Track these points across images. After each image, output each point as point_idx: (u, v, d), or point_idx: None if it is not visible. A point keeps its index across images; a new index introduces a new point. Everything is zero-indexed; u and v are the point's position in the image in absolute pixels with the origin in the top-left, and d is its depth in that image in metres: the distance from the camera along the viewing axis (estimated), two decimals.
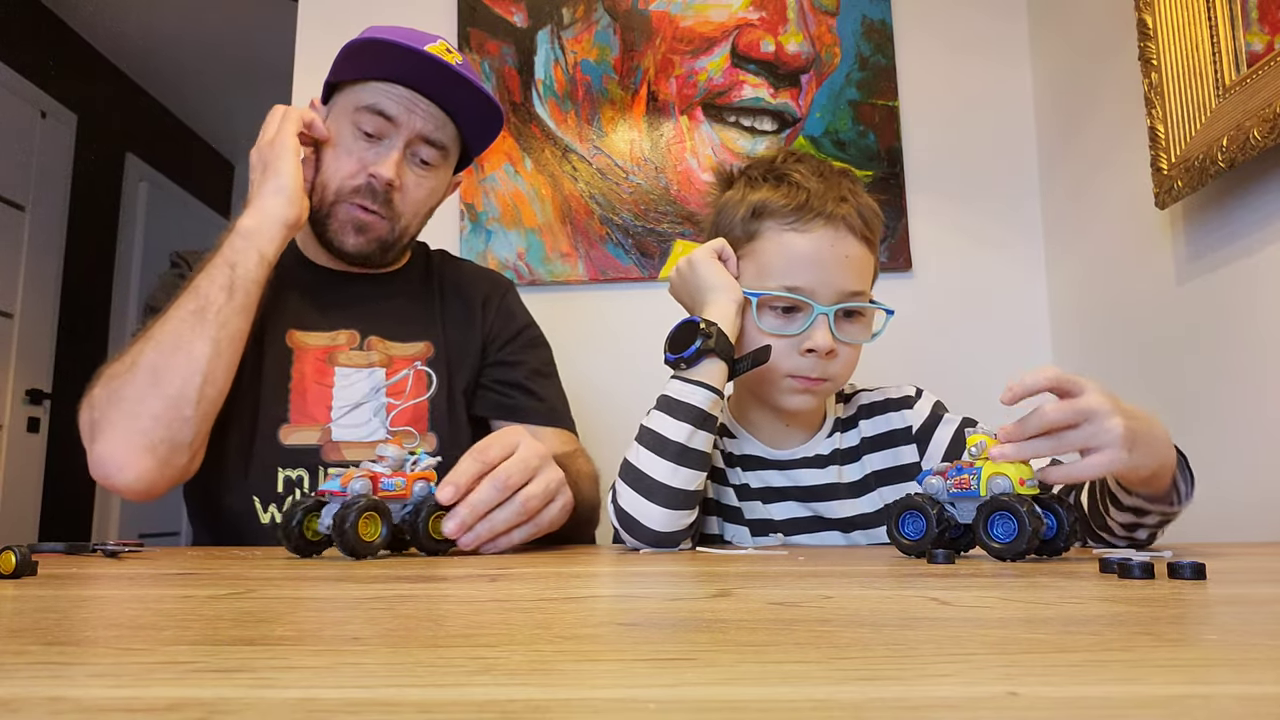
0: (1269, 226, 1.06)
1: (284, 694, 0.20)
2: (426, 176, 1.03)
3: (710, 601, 0.37)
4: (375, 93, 0.98)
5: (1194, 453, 1.19)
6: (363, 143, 0.99)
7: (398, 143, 0.99)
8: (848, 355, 0.86)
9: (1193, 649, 0.25)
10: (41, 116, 3.19)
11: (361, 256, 1.03)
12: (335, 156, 1.00)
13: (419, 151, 1.01)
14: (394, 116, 0.98)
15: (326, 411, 1.00)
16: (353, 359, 1.03)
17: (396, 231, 1.03)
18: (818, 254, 0.83)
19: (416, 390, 1.03)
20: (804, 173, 0.87)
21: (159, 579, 0.49)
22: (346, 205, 1.00)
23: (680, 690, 0.20)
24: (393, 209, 1.01)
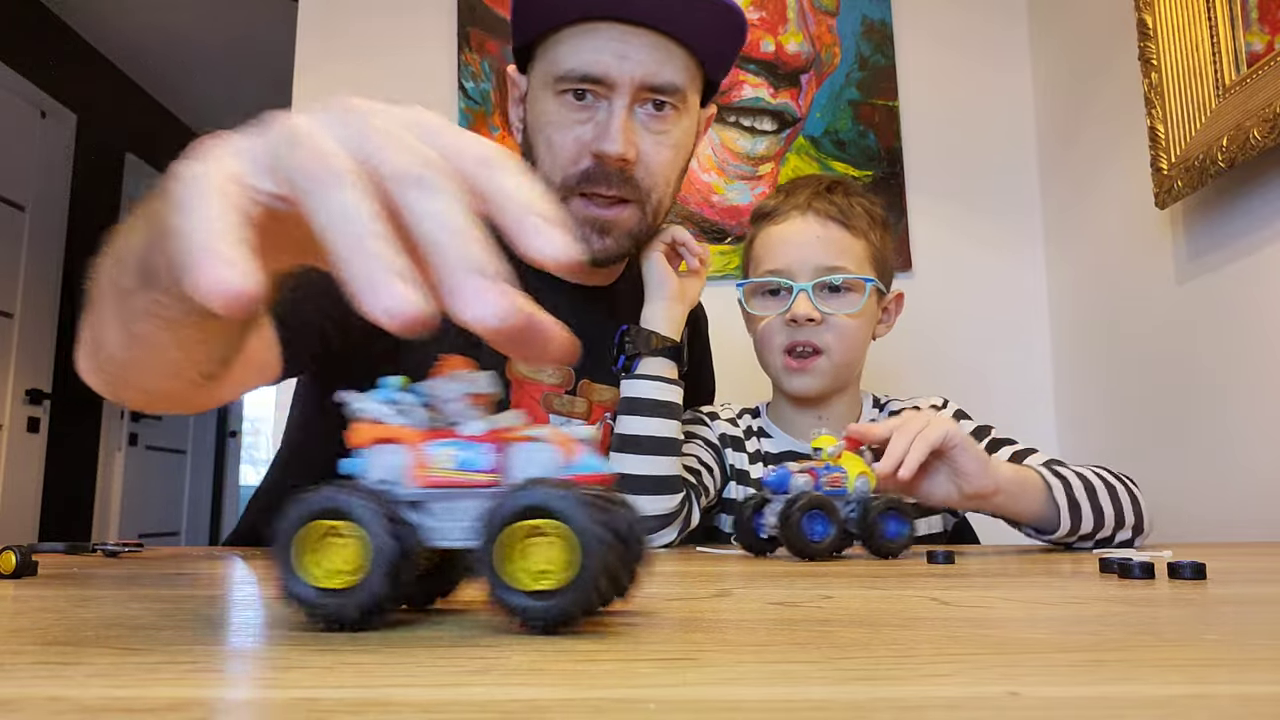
0: (1269, 226, 1.06)
1: (284, 694, 0.20)
2: (666, 131, 0.80)
3: (710, 601, 0.37)
4: (572, 49, 0.77)
5: (1193, 452, 1.20)
6: (575, 114, 0.78)
7: (618, 105, 0.77)
8: (839, 326, 0.91)
9: (1193, 649, 0.25)
10: (41, 116, 3.19)
11: (610, 262, 0.83)
12: (546, 141, 0.79)
13: (647, 103, 0.78)
14: (603, 75, 0.76)
15: None
16: (565, 406, 0.85)
17: (649, 214, 0.82)
18: (790, 236, 0.92)
19: (603, 448, 0.86)
20: (792, 183, 0.99)
21: (159, 579, 0.49)
22: (579, 202, 0.79)
23: (680, 690, 0.20)
24: (637, 188, 0.79)
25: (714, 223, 1.67)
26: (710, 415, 0.99)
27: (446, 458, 0.29)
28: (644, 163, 0.79)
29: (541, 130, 0.80)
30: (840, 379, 0.94)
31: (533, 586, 0.27)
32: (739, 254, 1.65)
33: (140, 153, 3.83)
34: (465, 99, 1.71)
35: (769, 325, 0.93)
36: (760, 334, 0.94)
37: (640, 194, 0.80)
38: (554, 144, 0.79)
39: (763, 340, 0.94)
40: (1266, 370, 1.06)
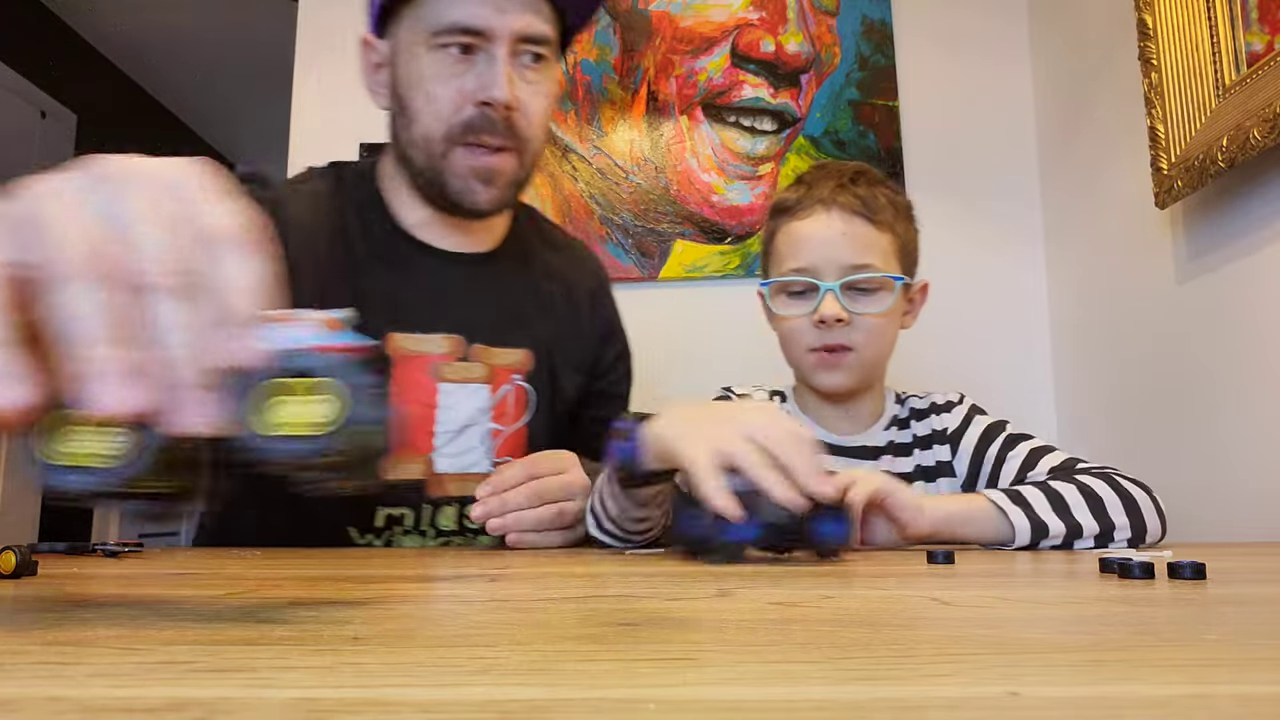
0: (1269, 226, 1.06)
1: (284, 694, 0.20)
2: (540, 81, 0.82)
3: (710, 601, 0.37)
4: (448, 4, 0.78)
5: (1193, 452, 1.20)
6: (455, 67, 0.79)
7: (499, 53, 0.78)
8: (868, 326, 0.90)
9: (1193, 649, 0.25)
10: (41, 116, 3.19)
11: (496, 210, 0.85)
12: (425, 95, 0.80)
13: (524, 54, 0.80)
14: (483, 27, 0.77)
15: (429, 438, 0.84)
16: (457, 372, 0.86)
17: (527, 165, 0.84)
18: (815, 234, 0.90)
19: (517, 411, 0.88)
20: (814, 174, 0.94)
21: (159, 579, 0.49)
22: (463, 150, 0.80)
23: (680, 690, 0.20)
24: (518, 136, 0.81)
25: (714, 223, 1.67)
26: (741, 397, 0.99)
27: None
28: (524, 110, 0.81)
29: (419, 86, 0.80)
30: (869, 375, 0.94)
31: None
32: (739, 254, 1.65)
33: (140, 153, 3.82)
34: None
35: (795, 326, 0.91)
36: (786, 334, 0.93)
37: (520, 142, 0.82)
38: (435, 96, 0.79)
39: (790, 340, 0.93)
40: (1266, 370, 1.06)
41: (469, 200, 0.83)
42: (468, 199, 0.83)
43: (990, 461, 0.89)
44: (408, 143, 0.83)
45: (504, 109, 0.79)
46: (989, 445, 0.90)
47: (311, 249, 0.82)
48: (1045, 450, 0.86)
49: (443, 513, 0.86)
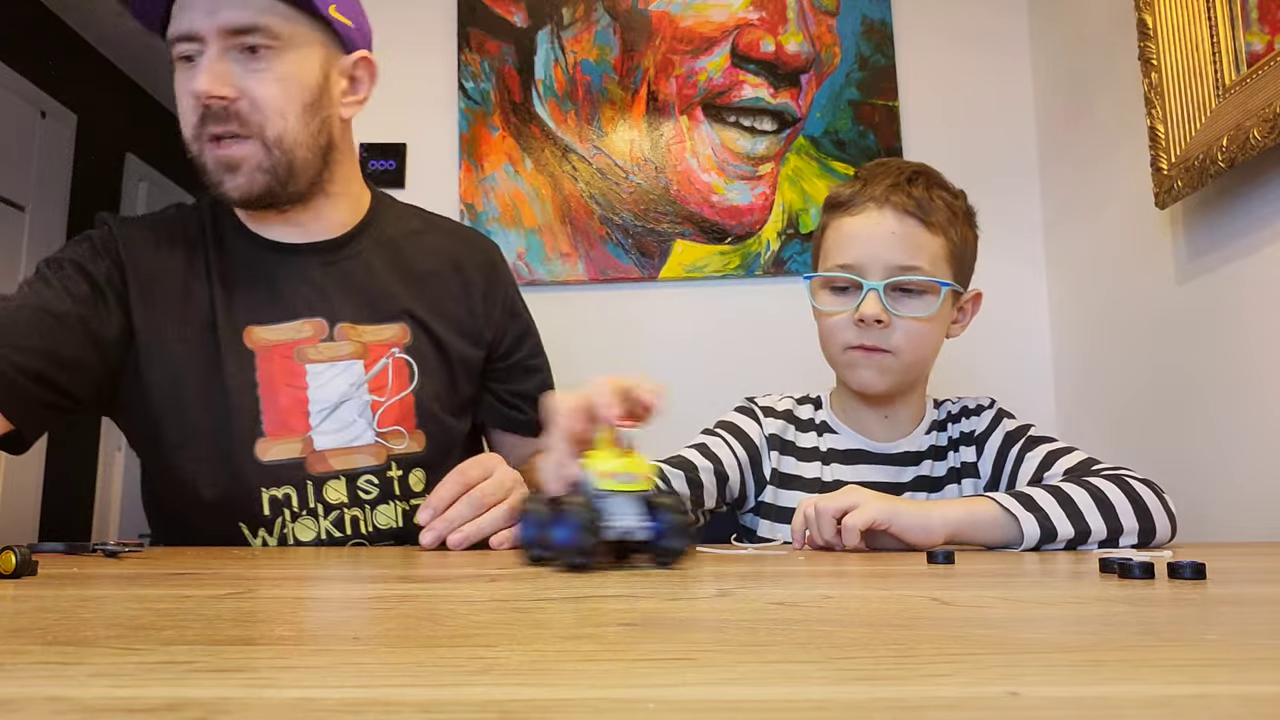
0: (1269, 226, 1.06)
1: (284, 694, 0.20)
2: (267, 67, 0.85)
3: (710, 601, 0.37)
4: (175, 18, 0.85)
5: (1193, 452, 1.20)
6: (185, 73, 0.86)
7: (209, 50, 0.84)
8: (909, 329, 0.88)
9: (1193, 649, 0.25)
10: (41, 116, 3.19)
11: (256, 198, 0.88)
12: (179, 106, 0.87)
13: (240, 45, 0.85)
14: (192, 30, 0.84)
15: (304, 418, 0.88)
16: (323, 352, 0.90)
17: (272, 148, 0.87)
18: (863, 231, 0.89)
19: (399, 382, 0.92)
20: (870, 170, 0.93)
21: (159, 579, 0.49)
22: (207, 146, 0.86)
23: (680, 690, 0.20)
24: (245, 122, 0.85)
25: (714, 223, 1.67)
26: (766, 410, 0.98)
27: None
28: (249, 98, 0.85)
29: (178, 97, 0.88)
30: (907, 379, 0.92)
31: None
32: (739, 254, 1.65)
33: (140, 153, 3.83)
34: (465, 99, 1.71)
35: (835, 322, 0.90)
36: (826, 329, 0.92)
37: (252, 128, 0.85)
38: (181, 105, 0.87)
39: (828, 336, 0.92)
40: (1266, 370, 1.06)
41: (220, 190, 0.88)
42: (222, 188, 0.88)
43: (1010, 463, 0.89)
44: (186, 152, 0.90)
45: (215, 99, 0.84)
46: (1011, 447, 0.90)
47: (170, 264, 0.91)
48: (1063, 452, 0.85)
49: (329, 487, 0.89)
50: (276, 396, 0.88)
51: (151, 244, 0.92)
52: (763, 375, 0.99)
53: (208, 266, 0.91)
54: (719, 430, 0.96)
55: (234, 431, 0.86)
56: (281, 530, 0.87)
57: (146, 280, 0.89)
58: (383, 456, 0.90)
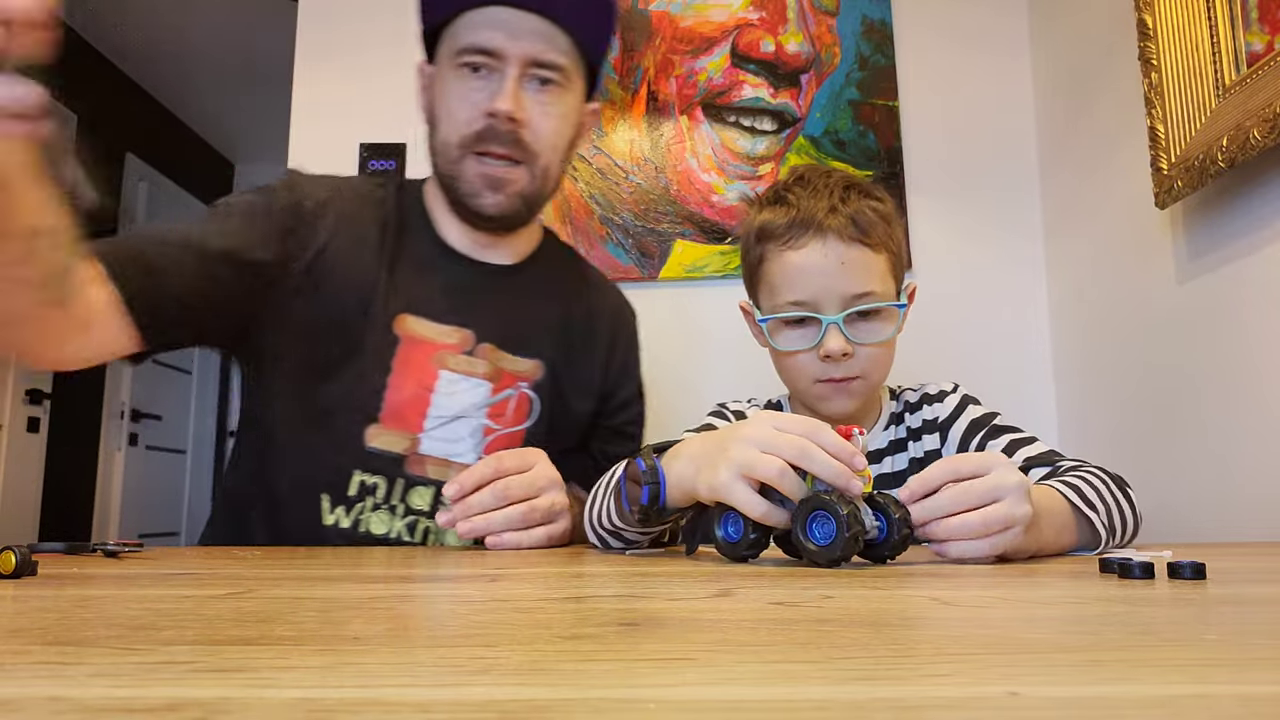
0: (1269, 226, 1.06)
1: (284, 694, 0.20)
2: (552, 102, 0.89)
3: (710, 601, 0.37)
4: (469, 28, 0.87)
5: (1193, 452, 1.20)
6: (471, 83, 0.87)
7: (509, 71, 0.86)
8: (872, 352, 0.88)
9: (1193, 649, 0.25)
10: None
11: (504, 218, 0.91)
12: (446, 108, 0.88)
13: (534, 76, 0.88)
14: (497, 49, 0.86)
15: (420, 419, 0.88)
16: (460, 365, 0.90)
17: (537, 177, 0.90)
18: (813, 266, 0.87)
19: (517, 416, 0.93)
20: (798, 192, 0.90)
21: (159, 579, 0.49)
22: (473, 160, 0.88)
23: (680, 690, 0.20)
24: (525, 149, 0.88)
25: (714, 223, 1.67)
26: (736, 414, 0.97)
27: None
28: (531, 127, 0.88)
29: (443, 100, 0.89)
30: (873, 394, 0.93)
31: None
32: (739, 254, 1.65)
33: (140, 153, 3.83)
34: None
35: (799, 360, 0.88)
36: (791, 368, 0.90)
37: (528, 156, 0.88)
38: (452, 110, 0.88)
39: (795, 373, 0.90)
40: (1266, 370, 1.06)
41: (477, 203, 0.89)
42: (476, 201, 0.89)
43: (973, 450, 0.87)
44: (432, 150, 0.91)
45: (508, 120, 0.86)
46: (975, 435, 0.88)
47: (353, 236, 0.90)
48: (1024, 442, 0.84)
49: (416, 492, 0.89)
50: (402, 388, 0.88)
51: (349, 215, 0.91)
52: (763, 375, 0.99)
53: (383, 247, 0.91)
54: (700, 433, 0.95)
55: (353, 408, 0.87)
56: (359, 515, 0.87)
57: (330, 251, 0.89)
58: None
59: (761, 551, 0.60)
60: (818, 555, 0.54)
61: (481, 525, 0.76)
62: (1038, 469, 0.80)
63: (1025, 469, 0.80)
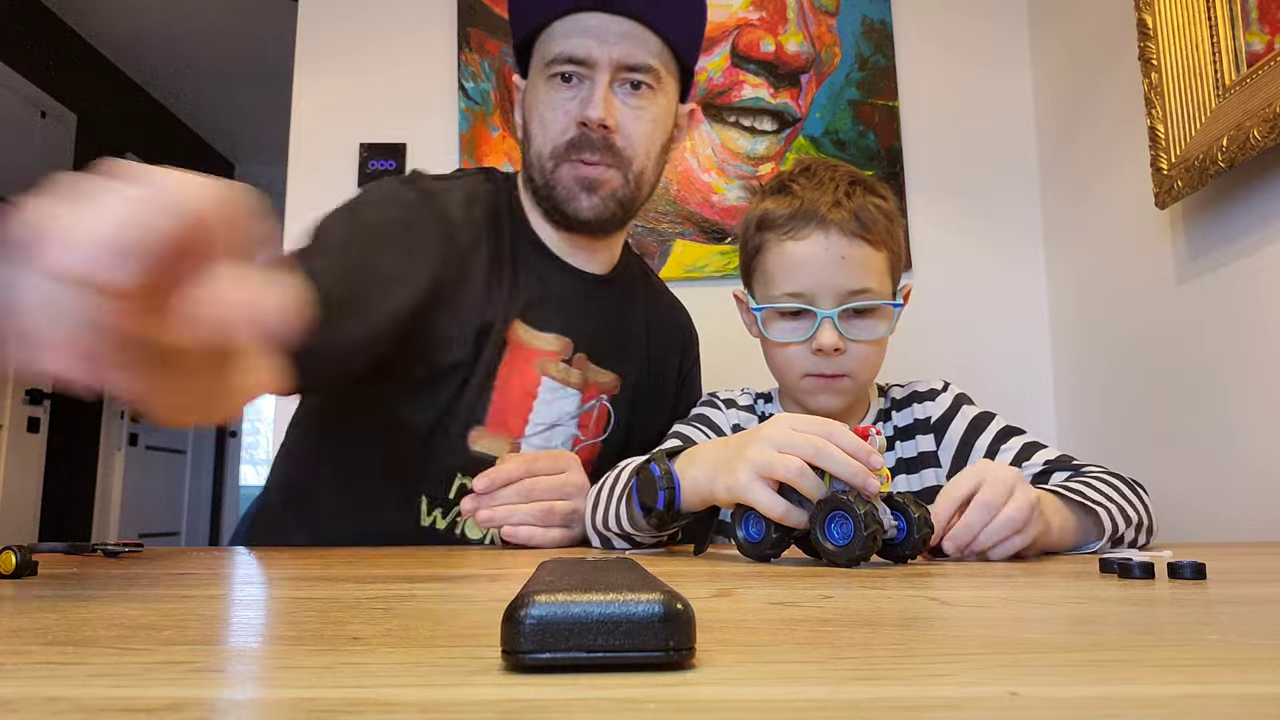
0: (1269, 226, 1.06)
1: (284, 694, 0.20)
2: (644, 106, 0.89)
3: (710, 601, 0.37)
4: (559, 38, 0.87)
5: (1194, 453, 1.20)
6: (563, 93, 0.87)
7: (600, 79, 0.86)
8: (863, 351, 0.87)
9: (1193, 649, 0.25)
10: (41, 116, 3.19)
11: (600, 221, 0.90)
12: (539, 119, 0.89)
13: (625, 80, 0.87)
14: (585, 57, 0.86)
15: (522, 424, 0.89)
16: (560, 373, 0.91)
17: (631, 181, 0.89)
18: (813, 258, 0.86)
19: (598, 427, 0.94)
20: (803, 183, 0.89)
21: (159, 579, 0.49)
22: (568, 167, 0.88)
23: (681, 690, 0.20)
24: (618, 154, 0.88)
25: (714, 222, 1.67)
26: (727, 402, 0.97)
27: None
28: (624, 132, 0.87)
29: (536, 111, 0.89)
30: (860, 392, 0.92)
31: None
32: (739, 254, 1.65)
33: (140, 153, 3.83)
34: (465, 99, 1.71)
35: (791, 352, 0.88)
36: (781, 359, 0.90)
37: (621, 161, 0.88)
38: (546, 120, 0.88)
39: (785, 366, 0.90)
40: (1266, 370, 1.06)
41: (574, 207, 0.89)
42: (572, 205, 0.89)
43: (980, 453, 0.86)
44: (528, 163, 0.92)
45: (600, 128, 0.86)
46: (978, 435, 0.87)
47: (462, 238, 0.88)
48: (1038, 445, 0.84)
49: None
50: (509, 392, 0.88)
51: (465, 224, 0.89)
52: (763, 375, 0.99)
53: (498, 253, 0.90)
54: (693, 423, 0.94)
55: (460, 410, 0.86)
56: (455, 518, 0.87)
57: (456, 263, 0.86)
58: None
59: (784, 551, 0.61)
60: (836, 555, 0.55)
61: (501, 515, 0.77)
62: (1059, 474, 0.80)
63: (1046, 473, 0.80)
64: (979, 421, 0.89)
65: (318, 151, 1.75)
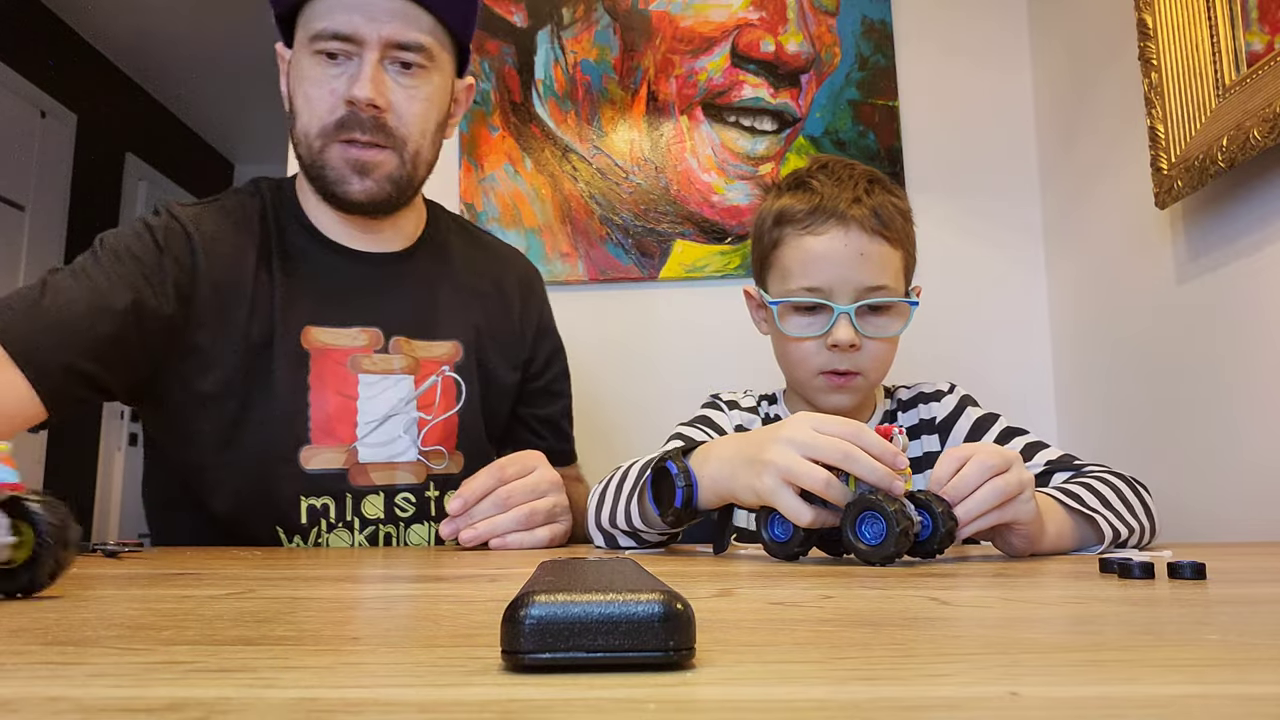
0: (1269, 226, 1.06)
1: (284, 694, 0.20)
2: (417, 85, 0.86)
3: (710, 601, 0.37)
4: (325, 12, 0.84)
5: (1193, 452, 1.20)
6: (329, 69, 0.84)
7: (368, 58, 0.83)
8: (877, 349, 0.87)
9: (1193, 649, 0.25)
10: (41, 116, 3.19)
11: (375, 204, 0.87)
12: (304, 96, 0.85)
13: (396, 59, 0.85)
14: (353, 34, 0.83)
15: (351, 429, 0.87)
16: (377, 364, 0.89)
17: (407, 161, 0.87)
18: (832, 253, 0.86)
19: (446, 402, 0.91)
20: (822, 179, 0.89)
21: (159, 579, 0.49)
22: (338, 148, 0.85)
23: (682, 690, 0.20)
24: (391, 134, 0.85)
25: (714, 223, 1.67)
26: (730, 404, 0.97)
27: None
28: (396, 112, 0.85)
29: (300, 87, 0.86)
30: (872, 391, 0.93)
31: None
32: (739, 254, 1.65)
33: (140, 153, 3.83)
34: None
35: (806, 347, 0.87)
36: (795, 354, 0.89)
37: (395, 141, 0.86)
38: (311, 98, 0.85)
39: (798, 361, 0.89)
40: (1266, 370, 1.06)
41: (343, 190, 0.86)
42: (342, 188, 0.86)
43: None
44: (295, 140, 0.88)
45: (369, 107, 0.83)
46: (981, 436, 0.87)
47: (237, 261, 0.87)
48: (1040, 445, 0.84)
49: (368, 501, 0.88)
50: (325, 402, 0.86)
51: (221, 238, 0.88)
52: (764, 375, 0.99)
53: (269, 260, 0.89)
54: (695, 424, 0.94)
55: (280, 435, 0.84)
56: (316, 539, 0.87)
57: (213, 282, 0.85)
58: (422, 475, 0.90)
59: (810, 549, 0.61)
60: (870, 554, 0.55)
61: (485, 530, 0.76)
62: (1060, 473, 0.80)
63: (1049, 473, 0.80)
64: (983, 422, 0.89)
65: None
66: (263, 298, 0.87)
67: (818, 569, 0.54)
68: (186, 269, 0.85)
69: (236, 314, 0.85)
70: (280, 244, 0.90)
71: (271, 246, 0.90)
